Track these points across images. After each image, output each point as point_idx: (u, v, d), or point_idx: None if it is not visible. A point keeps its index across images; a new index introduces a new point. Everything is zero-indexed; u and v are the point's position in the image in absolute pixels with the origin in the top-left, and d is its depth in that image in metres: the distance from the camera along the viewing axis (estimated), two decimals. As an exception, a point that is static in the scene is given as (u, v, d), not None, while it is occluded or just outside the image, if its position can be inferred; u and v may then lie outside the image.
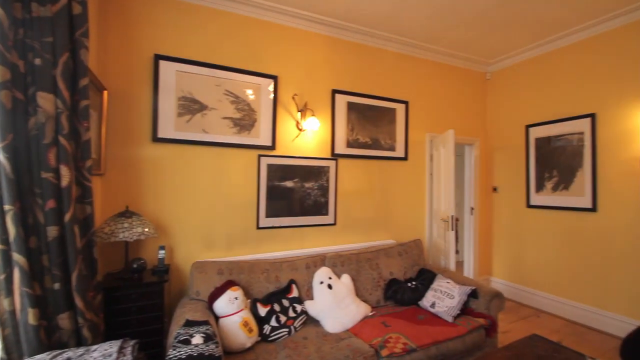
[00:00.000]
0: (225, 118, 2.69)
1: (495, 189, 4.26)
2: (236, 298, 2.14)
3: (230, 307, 2.11)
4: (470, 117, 4.20)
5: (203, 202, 2.66)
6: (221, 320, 2.08)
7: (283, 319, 2.27)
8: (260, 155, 2.82)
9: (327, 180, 3.11)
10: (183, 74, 2.55)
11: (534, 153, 3.79)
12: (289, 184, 2.93)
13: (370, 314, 2.56)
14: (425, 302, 2.66)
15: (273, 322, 2.22)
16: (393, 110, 3.49)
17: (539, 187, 3.73)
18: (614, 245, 3.10)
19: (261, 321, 2.21)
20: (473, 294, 2.57)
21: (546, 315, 3.60)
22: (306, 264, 2.66)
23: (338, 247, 3.11)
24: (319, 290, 2.54)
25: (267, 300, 2.34)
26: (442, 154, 3.42)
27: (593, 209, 3.25)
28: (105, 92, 2.32)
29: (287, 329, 2.24)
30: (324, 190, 3.10)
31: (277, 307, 2.31)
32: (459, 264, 4.73)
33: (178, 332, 1.71)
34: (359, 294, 2.70)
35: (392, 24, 3.19)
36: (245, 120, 2.76)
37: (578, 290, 3.39)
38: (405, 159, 3.58)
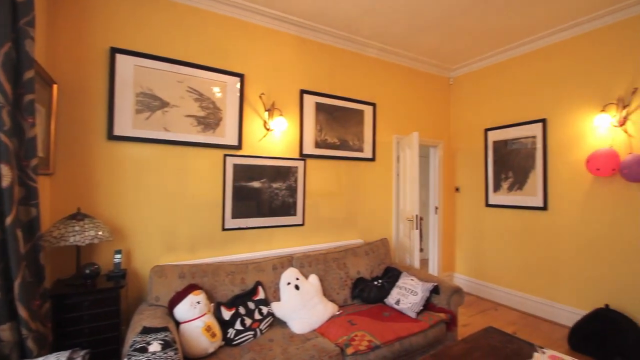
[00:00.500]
0: (188, 116, 2.60)
1: (457, 189, 4.46)
2: (198, 302, 2.08)
3: (192, 311, 2.04)
4: (435, 120, 4.37)
5: (164, 204, 2.55)
6: (182, 326, 2.01)
7: (248, 321, 2.24)
8: (226, 155, 2.76)
9: (296, 181, 3.11)
10: (142, 69, 2.44)
11: (492, 155, 4.01)
12: (256, 184, 2.90)
13: (337, 313, 2.58)
14: (391, 299, 2.73)
15: (238, 326, 2.18)
16: (361, 112, 3.55)
17: (496, 188, 3.95)
18: (563, 242, 3.35)
19: (225, 325, 2.16)
20: (435, 290, 2.67)
21: (504, 308, 3.81)
22: (273, 265, 2.63)
23: (306, 248, 3.11)
24: (286, 291, 2.52)
25: (232, 303, 2.29)
26: (408, 155, 3.52)
27: (544, 208, 3.49)
28: (55, 86, 2.16)
29: (252, 332, 2.20)
30: (292, 191, 3.09)
31: (242, 310, 2.27)
32: (425, 262, 4.91)
33: (134, 340, 1.63)
34: (327, 293, 2.72)
35: (360, 27, 3.24)
36: (209, 118, 2.69)
37: (531, 283, 3.62)
38: (372, 159, 3.65)
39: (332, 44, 3.41)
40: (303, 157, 3.17)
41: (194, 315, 2.04)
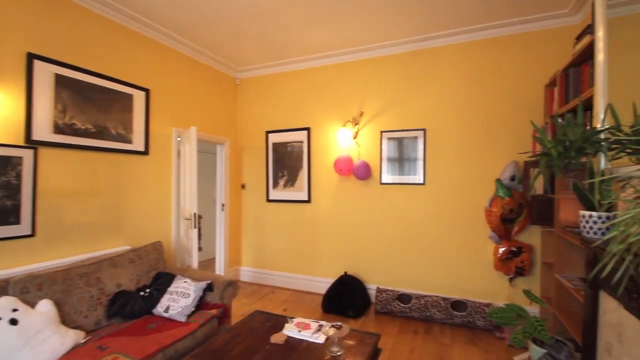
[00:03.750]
0: None
1: (243, 186, 4.68)
2: None
3: None
4: (221, 117, 4.39)
5: None
6: None
7: None
8: None
9: (19, 176, 2.26)
10: None
11: (272, 155, 4.46)
12: None
13: (83, 341, 2.08)
14: (160, 308, 2.47)
15: None
16: (129, 96, 3.03)
17: (275, 184, 4.43)
18: (321, 227, 4.16)
19: None
20: (209, 288, 2.64)
21: (280, 290, 4.31)
22: (-38, 299, 1.79)
23: (38, 266, 2.33)
24: (-12, 332, 1.77)
25: None
26: (187, 150, 3.34)
27: (308, 201, 4.22)
28: None
29: None
30: (14, 190, 2.23)
31: None
32: (213, 260, 4.86)
33: None
34: (68, 319, 2.14)
35: (127, -4, 2.77)
36: None
37: (300, 264, 4.29)
38: (145, 153, 3.21)
39: (84, 4, 2.72)
40: (33, 144, 2.35)
41: None
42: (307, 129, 4.21)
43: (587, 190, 1.59)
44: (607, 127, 1.65)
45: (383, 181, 3.82)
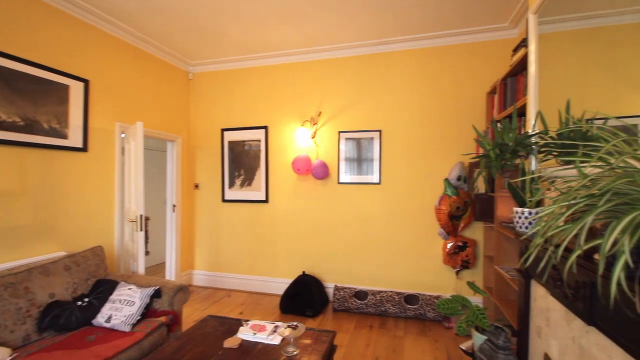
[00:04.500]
0: None
1: (197, 186, 4.48)
2: None
3: None
4: (173, 113, 4.16)
5: None
6: None
7: None
8: None
9: None
10: None
11: (228, 154, 4.32)
12: None
13: (9, 358, 1.85)
14: (100, 318, 2.28)
15: None
16: (65, 87, 2.75)
17: (231, 184, 4.30)
18: (279, 227, 4.11)
19: None
20: (156, 294, 2.48)
21: (236, 293, 4.19)
22: None
23: (-51, 277, 2.03)
24: None
25: None
26: (133, 147, 3.11)
27: (266, 201, 4.15)
28: None
29: None
30: None
31: None
32: (163, 265, 4.59)
33: None
34: (-12, 337, 1.89)
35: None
36: None
37: (257, 266, 4.21)
38: (84, 149, 2.93)
39: (12, -17, 2.42)
40: (-58, 137, 2.04)
41: None
42: (265, 127, 4.14)
43: (520, 188, 1.74)
44: (537, 132, 1.82)
45: (341, 181, 3.88)
